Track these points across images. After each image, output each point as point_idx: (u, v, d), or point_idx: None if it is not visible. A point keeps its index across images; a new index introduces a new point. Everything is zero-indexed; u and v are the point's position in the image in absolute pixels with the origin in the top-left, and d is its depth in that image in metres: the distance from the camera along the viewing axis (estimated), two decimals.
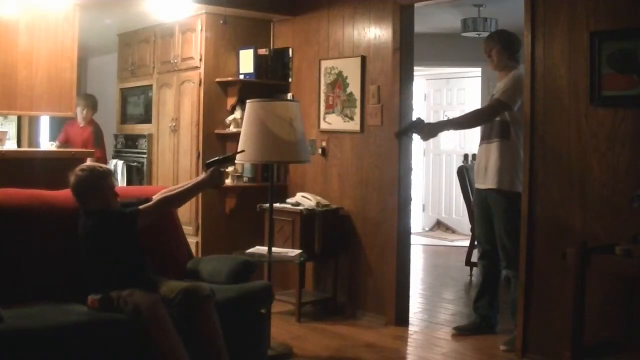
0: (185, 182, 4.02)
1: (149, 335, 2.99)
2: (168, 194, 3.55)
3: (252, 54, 5.41)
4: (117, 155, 6.34)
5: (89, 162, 4.15)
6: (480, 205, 4.51)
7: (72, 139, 6.08)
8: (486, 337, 4.45)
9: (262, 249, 4.24)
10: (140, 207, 3.38)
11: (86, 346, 2.89)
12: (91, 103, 6.17)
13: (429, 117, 9.37)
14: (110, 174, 3.47)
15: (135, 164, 6.15)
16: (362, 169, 5.03)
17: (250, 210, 5.15)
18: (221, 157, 3.69)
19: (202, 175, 3.59)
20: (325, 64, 5.27)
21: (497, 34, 4.56)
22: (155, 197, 3.55)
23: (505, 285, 4.44)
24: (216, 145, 5.44)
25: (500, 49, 4.35)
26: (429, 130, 4.34)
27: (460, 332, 4.53)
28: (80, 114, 6.02)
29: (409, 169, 4.90)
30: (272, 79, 5.57)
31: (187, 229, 5.01)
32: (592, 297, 3.38)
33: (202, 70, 5.41)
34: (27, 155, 4.85)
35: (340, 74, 5.15)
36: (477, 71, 8.32)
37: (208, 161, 3.60)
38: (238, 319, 3.49)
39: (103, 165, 3.53)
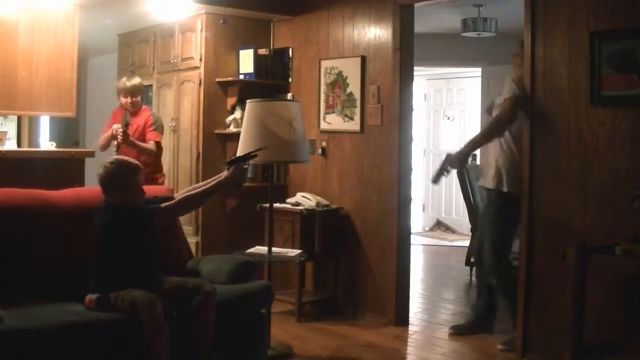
0: (206, 180, 3.97)
1: (143, 333, 3.00)
2: (189, 193, 3.52)
3: (252, 54, 5.41)
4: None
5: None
6: (482, 204, 4.51)
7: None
8: (486, 337, 4.45)
9: (262, 249, 4.24)
10: (162, 205, 3.35)
11: (86, 346, 2.89)
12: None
13: (429, 117, 9.38)
14: (138, 170, 3.39)
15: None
16: (362, 169, 5.03)
17: (250, 210, 5.15)
18: (242, 154, 3.66)
19: (224, 174, 3.53)
20: (325, 64, 5.27)
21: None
22: (177, 197, 3.53)
23: None
24: (216, 145, 5.45)
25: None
26: (459, 159, 4.24)
27: (456, 332, 4.54)
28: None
29: (409, 169, 4.89)
30: (272, 79, 5.57)
31: (187, 229, 5.01)
32: (592, 297, 3.38)
33: (202, 70, 5.41)
34: (27, 155, 4.86)
35: (340, 74, 5.15)
36: (477, 71, 8.32)
37: (229, 159, 3.57)
38: (238, 319, 3.49)
39: (133, 161, 3.46)
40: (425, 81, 9.28)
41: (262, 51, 5.57)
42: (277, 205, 4.73)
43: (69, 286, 3.27)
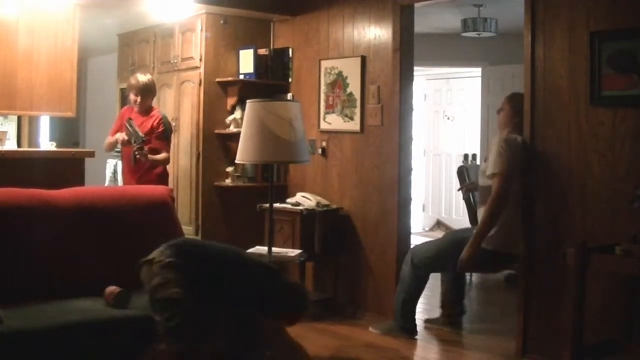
0: None
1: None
2: None
3: (252, 54, 5.41)
4: (117, 155, 6.34)
5: None
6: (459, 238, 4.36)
7: None
8: (487, 336, 4.45)
9: (262, 249, 4.24)
10: None
11: (86, 346, 2.89)
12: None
13: (429, 117, 9.38)
14: None
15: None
16: (362, 169, 5.03)
17: (250, 210, 5.15)
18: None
19: None
20: (325, 64, 5.28)
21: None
22: None
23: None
24: (216, 145, 5.45)
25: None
26: (471, 260, 4.06)
27: (429, 324, 4.66)
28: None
29: (409, 169, 4.90)
30: (272, 79, 5.57)
31: (187, 229, 5.01)
32: (592, 297, 3.38)
33: (202, 70, 5.41)
34: (27, 155, 4.86)
35: (340, 74, 5.15)
36: (477, 71, 8.32)
37: None
38: None
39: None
40: (425, 81, 9.28)
41: (262, 51, 5.57)
42: (277, 205, 4.73)
43: (69, 286, 3.27)
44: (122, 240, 3.60)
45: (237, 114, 5.36)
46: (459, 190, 5.01)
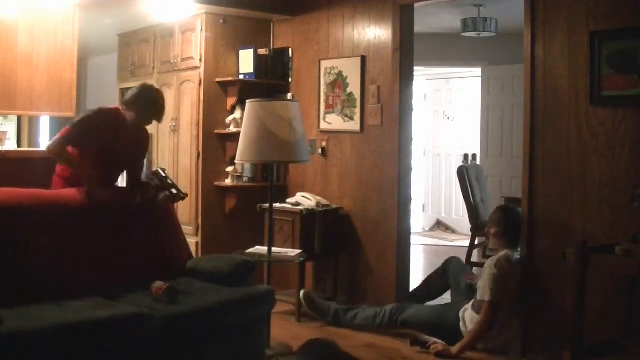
0: None
1: None
2: None
3: (252, 54, 5.41)
4: None
5: None
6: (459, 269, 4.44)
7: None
8: None
9: (262, 249, 4.24)
10: None
11: (86, 346, 2.89)
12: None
13: (429, 117, 9.38)
14: None
15: None
16: (362, 169, 5.03)
17: (250, 210, 5.15)
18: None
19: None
20: (325, 64, 5.28)
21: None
22: None
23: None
24: (216, 145, 5.45)
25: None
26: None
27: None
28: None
29: (409, 169, 4.90)
30: (272, 79, 5.57)
31: (187, 229, 5.01)
32: (592, 297, 3.38)
33: (202, 70, 5.41)
34: (27, 155, 4.85)
35: (340, 74, 5.15)
36: (477, 71, 8.32)
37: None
38: (240, 321, 3.49)
39: None
40: (425, 81, 9.28)
41: (262, 51, 5.57)
42: (277, 205, 4.73)
43: (68, 286, 3.27)
44: (122, 240, 3.61)
45: (237, 114, 5.36)
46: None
